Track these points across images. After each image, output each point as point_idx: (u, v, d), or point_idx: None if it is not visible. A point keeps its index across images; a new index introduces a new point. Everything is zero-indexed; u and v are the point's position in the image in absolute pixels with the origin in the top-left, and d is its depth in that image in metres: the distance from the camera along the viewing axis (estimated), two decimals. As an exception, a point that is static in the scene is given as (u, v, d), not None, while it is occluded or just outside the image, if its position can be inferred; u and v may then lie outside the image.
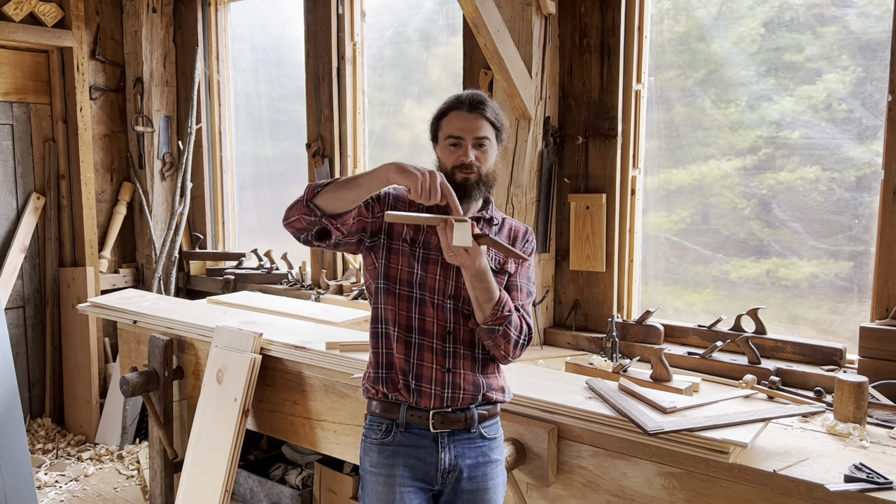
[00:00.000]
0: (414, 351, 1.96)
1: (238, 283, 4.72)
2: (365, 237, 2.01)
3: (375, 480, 1.97)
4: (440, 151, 2.02)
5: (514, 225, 2.12)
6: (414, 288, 1.97)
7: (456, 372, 1.96)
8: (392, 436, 1.97)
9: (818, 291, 2.94)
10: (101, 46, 4.94)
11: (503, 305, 1.91)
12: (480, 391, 1.99)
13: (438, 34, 4.03)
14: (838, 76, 2.84)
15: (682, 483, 2.13)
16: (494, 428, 2.06)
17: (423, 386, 1.95)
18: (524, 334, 1.97)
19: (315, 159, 4.33)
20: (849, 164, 2.83)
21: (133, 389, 3.39)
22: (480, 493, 1.99)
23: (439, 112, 2.03)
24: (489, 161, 2.00)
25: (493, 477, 2.02)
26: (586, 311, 3.38)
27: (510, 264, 2.03)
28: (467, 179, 1.96)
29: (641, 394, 2.33)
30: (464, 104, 1.98)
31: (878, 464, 1.97)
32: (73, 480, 4.17)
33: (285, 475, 3.73)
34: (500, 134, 2.03)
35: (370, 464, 2.00)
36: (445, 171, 1.97)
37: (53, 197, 4.85)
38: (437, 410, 1.95)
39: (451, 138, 1.97)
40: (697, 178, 3.21)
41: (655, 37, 3.26)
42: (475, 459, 1.99)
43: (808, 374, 2.71)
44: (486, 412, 2.02)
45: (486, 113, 1.98)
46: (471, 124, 1.96)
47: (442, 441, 1.96)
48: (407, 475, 1.95)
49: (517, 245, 2.09)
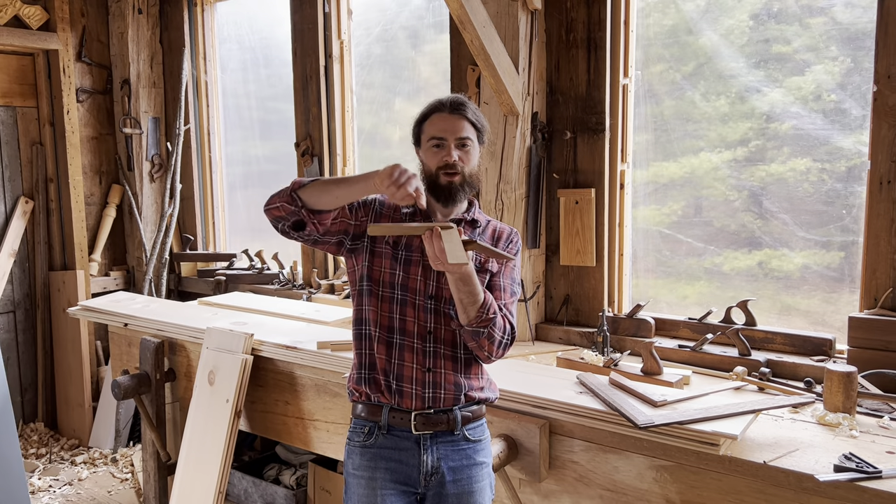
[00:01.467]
0: (395, 351, 1.97)
1: (229, 284, 4.71)
2: (346, 240, 2.02)
3: (358, 483, 1.98)
4: (423, 154, 2.04)
5: (498, 227, 2.13)
6: (395, 289, 1.99)
7: (436, 371, 1.96)
8: (374, 438, 1.98)
9: (810, 282, 2.95)
10: (87, 49, 4.92)
11: (488, 308, 1.91)
12: (462, 391, 1.99)
13: (426, 32, 4.02)
14: (827, 67, 2.84)
15: (673, 476, 2.13)
16: (480, 430, 2.05)
17: (403, 386, 1.95)
18: (507, 334, 1.98)
19: (304, 158, 4.32)
20: (839, 154, 2.84)
21: (125, 392, 3.38)
22: (466, 496, 1.98)
23: (420, 116, 2.06)
24: (472, 162, 2.01)
25: (478, 480, 2.01)
26: (577, 305, 3.38)
27: (492, 263, 2.04)
28: (451, 182, 1.98)
29: (632, 388, 2.33)
30: (445, 106, 2.00)
31: (868, 453, 1.98)
32: (67, 485, 4.15)
33: (279, 475, 3.73)
34: (481, 135, 2.04)
35: (353, 466, 2.01)
36: (430, 174, 2.00)
37: (42, 200, 4.83)
38: (419, 412, 1.95)
39: (434, 139, 1.99)
40: (688, 171, 3.21)
41: (644, 31, 3.26)
42: (459, 462, 1.98)
43: (799, 365, 2.72)
44: (471, 414, 2.01)
45: (468, 114, 2.00)
46: (452, 125, 1.98)
47: (424, 443, 1.96)
48: (389, 478, 1.95)
49: (500, 246, 2.09)
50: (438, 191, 1.99)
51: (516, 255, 2.11)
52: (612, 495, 2.25)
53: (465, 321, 1.91)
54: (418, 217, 2.05)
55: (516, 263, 2.10)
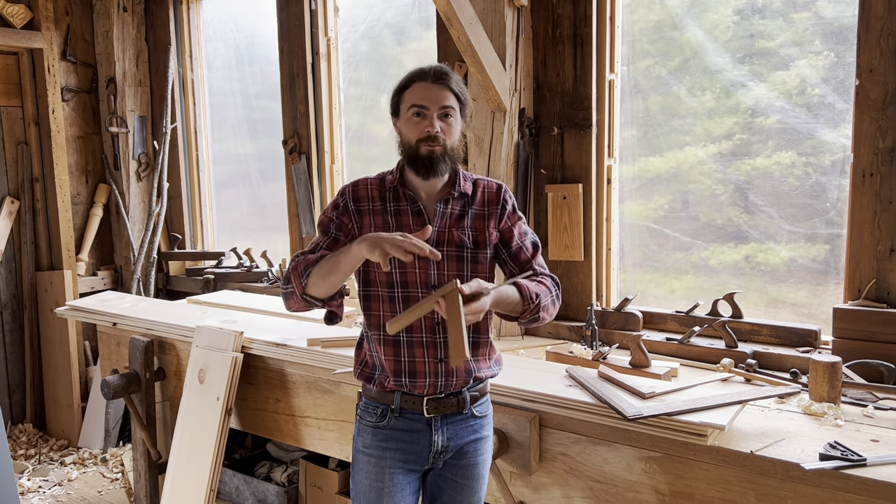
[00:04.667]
0: (403, 350, 1.94)
1: (218, 283, 4.69)
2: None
3: (367, 461, 1.99)
4: (403, 125, 1.93)
5: (486, 185, 2.04)
6: (395, 287, 1.94)
7: (448, 360, 1.94)
8: (387, 420, 1.98)
9: (797, 275, 2.97)
10: (71, 47, 4.89)
11: (530, 298, 1.88)
12: (472, 375, 1.99)
13: (412, 28, 4.02)
14: (811, 62, 2.87)
15: (661, 467, 2.15)
16: (485, 406, 2.07)
17: (417, 380, 1.95)
18: (554, 292, 1.98)
19: (292, 156, 4.31)
20: (823, 148, 2.87)
21: (114, 392, 3.37)
22: (470, 467, 2.02)
23: (401, 84, 1.94)
24: (454, 134, 1.92)
25: (482, 452, 2.05)
26: (566, 300, 3.40)
27: (490, 233, 1.98)
28: (433, 152, 1.88)
29: (621, 380, 2.35)
30: (428, 75, 1.90)
31: (853, 441, 2.01)
32: (57, 485, 4.14)
33: (271, 473, 3.73)
34: (464, 108, 1.94)
35: (363, 444, 2.01)
36: (409, 145, 1.90)
37: (28, 200, 4.79)
38: (430, 397, 1.95)
39: (416, 107, 1.88)
40: (675, 166, 3.23)
41: (630, 26, 3.28)
42: (466, 438, 2.01)
43: (785, 356, 2.75)
44: (478, 392, 2.03)
45: (451, 84, 1.90)
46: (436, 94, 1.88)
47: (435, 424, 1.97)
48: (399, 458, 1.96)
49: (494, 207, 2.01)
50: (418, 162, 1.89)
51: (514, 210, 2.05)
52: (602, 487, 2.28)
53: (517, 320, 1.93)
54: (403, 203, 1.96)
55: (520, 215, 2.07)
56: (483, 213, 2.01)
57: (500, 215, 2.03)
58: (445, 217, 1.97)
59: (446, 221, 1.97)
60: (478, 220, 2.00)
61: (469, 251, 1.97)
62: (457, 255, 1.96)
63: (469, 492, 2.03)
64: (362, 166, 4.29)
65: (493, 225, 2.01)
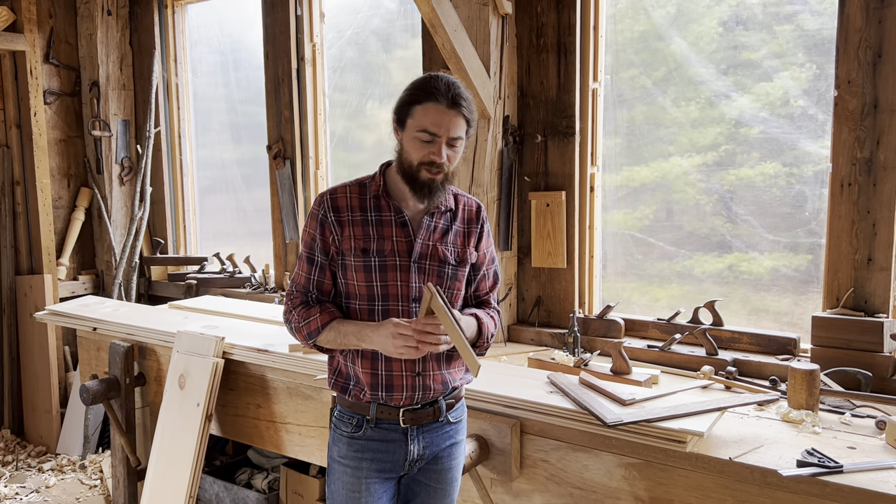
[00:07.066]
0: (381, 363, 1.93)
1: (200, 288, 4.67)
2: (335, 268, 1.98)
3: (343, 471, 1.97)
4: (407, 141, 1.86)
5: (466, 202, 2.05)
6: (375, 300, 1.92)
7: (426, 374, 1.94)
8: (362, 431, 1.96)
9: (779, 284, 3.00)
10: (55, 50, 4.85)
11: (486, 337, 2.01)
12: (448, 385, 2.00)
13: (398, 35, 4.03)
14: (793, 73, 2.90)
15: (641, 473, 2.16)
16: (459, 411, 2.07)
17: (394, 394, 1.94)
18: (496, 327, 2.07)
19: (276, 161, 4.30)
20: (806, 159, 2.90)
21: (94, 397, 3.33)
22: (444, 472, 2.03)
23: (413, 97, 1.85)
24: (456, 160, 1.90)
25: (455, 456, 2.06)
26: (549, 307, 3.41)
27: (470, 252, 2.01)
28: (433, 180, 1.85)
29: (601, 387, 2.36)
30: (444, 97, 1.81)
31: (830, 448, 2.02)
32: (34, 492, 4.08)
33: (251, 479, 3.70)
34: (469, 131, 1.90)
35: (339, 454, 1.99)
36: (410, 164, 1.85)
37: (8, 204, 4.75)
38: (406, 408, 1.95)
39: (426, 133, 1.82)
40: (659, 175, 3.26)
41: (615, 37, 3.30)
42: (441, 444, 2.01)
43: (764, 364, 2.77)
44: (454, 399, 2.04)
45: (464, 111, 1.83)
46: (449, 121, 1.81)
47: (411, 434, 1.96)
48: (375, 468, 1.95)
49: (473, 226, 2.04)
50: (418, 185, 1.86)
51: (489, 233, 2.09)
52: (583, 493, 2.28)
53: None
54: (387, 213, 1.93)
55: (491, 243, 2.11)
56: (464, 231, 2.02)
57: (480, 236, 2.05)
58: (430, 230, 1.96)
59: (430, 235, 1.96)
60: (459, 238, 2.01)
61: (451, 267, 1.97)
62: (438, 271, 1.95)
63: (442, 495, 2.04)
64: (347, 172, 4.29)
65: (472, 243, 2.03)
